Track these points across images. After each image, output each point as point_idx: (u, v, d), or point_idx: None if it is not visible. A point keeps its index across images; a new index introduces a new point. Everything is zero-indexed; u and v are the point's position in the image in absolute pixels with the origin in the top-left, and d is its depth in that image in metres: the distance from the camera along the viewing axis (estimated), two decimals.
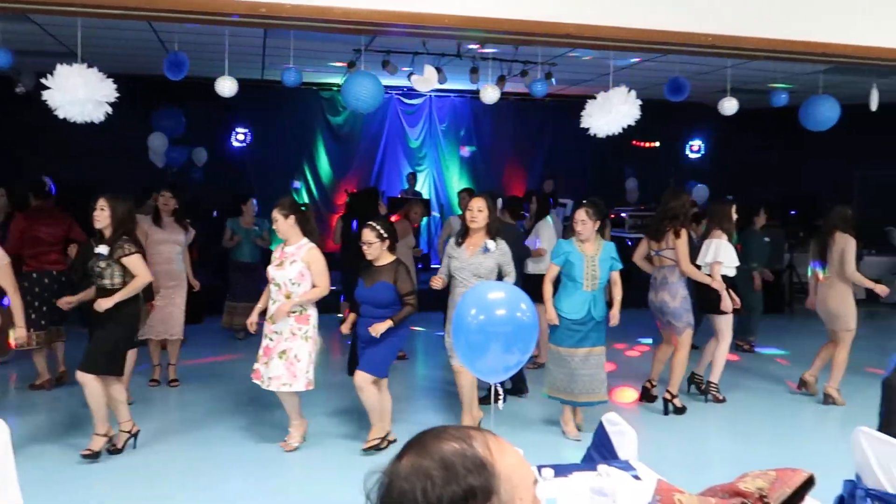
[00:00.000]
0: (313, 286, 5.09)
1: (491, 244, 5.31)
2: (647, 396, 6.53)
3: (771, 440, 5.75)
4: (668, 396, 6.25)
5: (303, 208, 5.33)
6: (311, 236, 5.22)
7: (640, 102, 5.49)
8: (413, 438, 1.24)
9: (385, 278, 5.06)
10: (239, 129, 12.54)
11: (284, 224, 5.10)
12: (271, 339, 5.11)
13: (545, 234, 7.34)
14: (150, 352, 6.68)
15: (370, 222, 5.18)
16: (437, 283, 5.37)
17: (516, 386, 6.51)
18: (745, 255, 8.41)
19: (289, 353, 5.03)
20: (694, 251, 6.38)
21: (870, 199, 13.53)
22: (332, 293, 5.57)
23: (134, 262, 4.88)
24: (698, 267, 6.34)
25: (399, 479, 1.16)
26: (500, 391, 2.93)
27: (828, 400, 6.62)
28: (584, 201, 5.83)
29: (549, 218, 7.67)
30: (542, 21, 4.80)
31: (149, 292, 5.95)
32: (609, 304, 5.64)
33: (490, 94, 7.11)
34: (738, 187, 12.91)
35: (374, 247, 5.08)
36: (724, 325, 6.53)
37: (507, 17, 4.77)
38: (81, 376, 4.84)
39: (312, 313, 5.15)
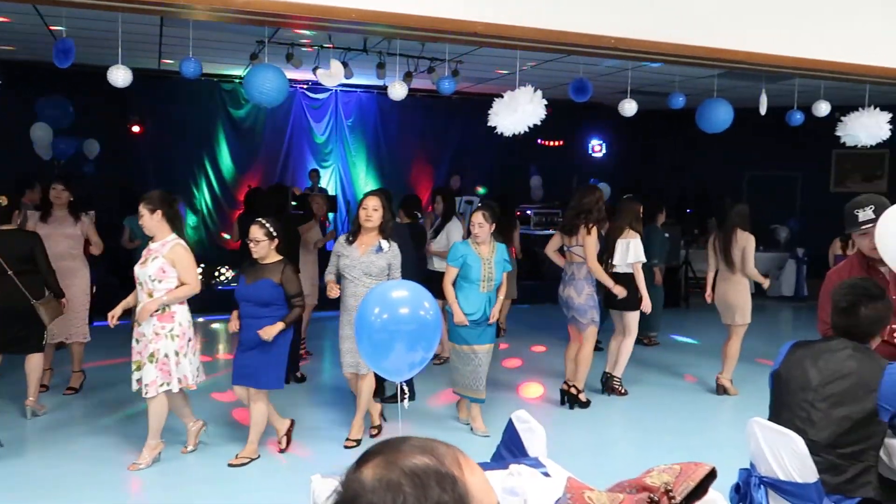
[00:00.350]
0: (180, 284, 4.83)
1: (385, 244, 5.29)
2: (569, 398, 6.43)
3: (671, 431, 5.94)
4: (574, 392, 6.38)
5: (173, 203, 5.05)
6: (180, 233, 4.99)
7: (545, 102, 5.56)
8: (374, 448, 1.17)
9: (270, 276, 4.90)
10: (135, 121, 11.97)
11: (150, 220, 4.85)
12: (138, 342, 4.87)
13: (455, 234, 7.32)
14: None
15: (259, 219, 5.00)
16: (333, 291, 5.24)
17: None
18: (648, 251, 8.70)
19: (157, 355, 4.79)
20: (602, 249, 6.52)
21: (757, 198, 14.29)
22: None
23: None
24: (611, 265, 6.51)
25: (366, 492, 1.09)
26: (406, 390, 2.90)
27: (721, 390, 6.91)
28: (480, 204, 5.93)
29: (456, 219, 7.67)
30: (450, 18, 4.78)
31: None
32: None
33: (398, 91, 7.05)
34: (638, 186, 13.37)
35: (262, 245, 4.89)
36: (633, 321, 6.71)
37: (415, 14, 4.73)
38: None
39: (179, 310, 4.86)
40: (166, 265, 4.79)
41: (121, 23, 5.79)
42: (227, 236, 12.06)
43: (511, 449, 2.89)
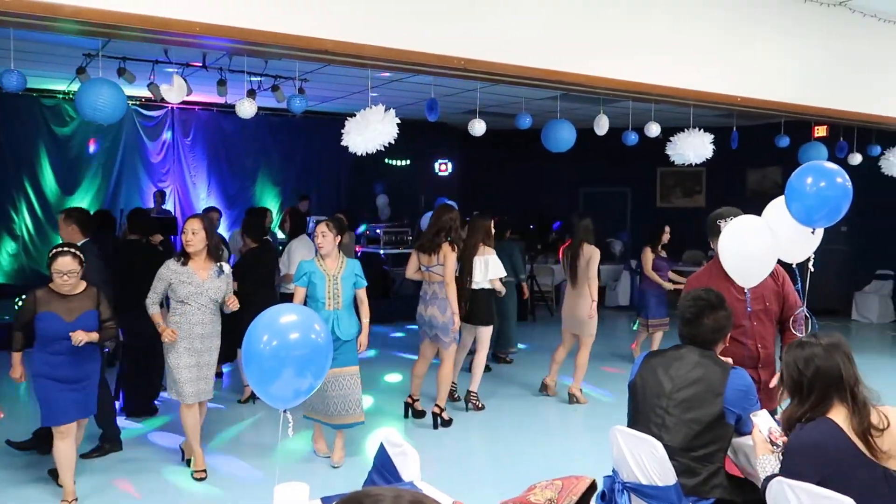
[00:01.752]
0: None
1: (226, 267, 5.14)
2: (414, 412, 6.55)
3: (533, 442, 6.07)
4: (436, 410, 6.35)
5: None
6: None
7: (398, 121, 5.56)
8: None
9: (89, 306, 4.57)
10: None
11: None
12: None
13: (296, 254, 7.10)
14: None
15: (69, 248, 4.56)
16: (169, 333, 4.89)
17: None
18: (512, 266, 8.91)
19: None
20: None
21: (593, 213, 15.09)
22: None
23: None
24: (470, 283, 6.59)
25: None
26: (290, 418, 2.77)
27: (572, 399, 7.18)
28: (326, 217, 5.85)
29: (305, 237, 7.48)
30: (300, 35, 4.69)
31: None
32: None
33: (247, 109, 6.80)
34: (484, 203, 13.72)
35: (77, 275, 4.50)
36: (487, 335, 6.83)
37: (263, 30, 4.59)
38: None
39: None
40: None
41: None
42: None
43: (384, 474, 2.82)
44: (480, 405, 6.92)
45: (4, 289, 10.86)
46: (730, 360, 3.37)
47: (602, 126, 7.97)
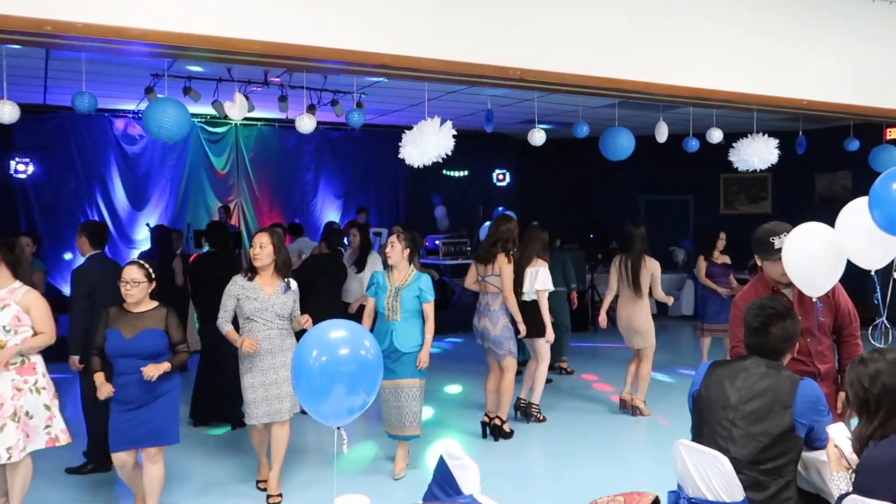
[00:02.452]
0: (35, 333, 4.41)
1: (293, 283, 5.04)
2: (492, 430, 6.35)
3: (594, 456, 5.97)
4: (497, 422, 6.28)
5: (13, 247, 4.53)
6: (24, 279, 4.51)
7: (454, 132, 5.58)
8: None
9: (154, 325, 4.43)
10: (19, 159, 11.30)
11: None
12: None
13: (377, 266, 7.21)
14: None
15: (138, 259, 4.54)
16: (249, 344, 4.79)
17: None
18: (565, 276, 8.85)
19: (19, 413, 4.32)
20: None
21: (654, 221, 14.87)
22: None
23: None
24: (520, 294, 6.49)
25: None
26: (344, 434, 2.78)
27: (636, 412, 7.04)
28: (398, 228, 5.88)
29: (375, 253, 7.62)
30: (358, 51, 4.75)
31: None
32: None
33: (306, 124, 6.93)
34: (542, 213, 13.66)
35: (142, 287, 4.41)
36: (544, 347, 6.71)
37: (322, 46, 4.67)
38: None
39: (38, 361, 4.47)
40: (21, 313, 4.36)
41: (4, 56, 5.46)
42: None
43: (444, 487, 2.82)
44: (542, 417, 6.84)
45: None
46: None
47: (662, 133, 7.83)
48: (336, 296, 7.14)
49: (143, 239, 12.11)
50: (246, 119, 11.74)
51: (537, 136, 7.35)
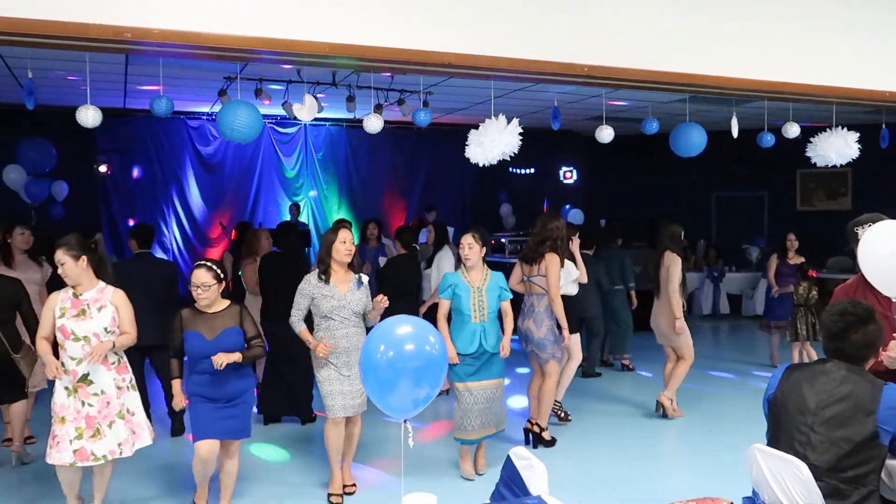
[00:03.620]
0: (121, 333, 4.44)
1: (364, 277, 5.04)
2: (534, 438, 6.13)
3: (656, 460, 5.88)
4: (535, 429, 6.07)
5: (96, 248, 4.59)
6: (107, 279, 4.53)
7: (520, 131, 5.55)
8: None
9: (230, 324, 4.49)
10: (101, 161, 11.80)
11: (75, 267, 4.35)
12: (91, 405, 4.34)
13: (447, 265, 7.21)
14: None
15: (207, 262, 4.52)
16: (321, 348, 4.83)
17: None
18: (622, 275, 8.74)
19: (123, 410, 4.44)
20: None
21: (726, 219, 14.49)
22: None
23: None
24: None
25: None
26: (410, 429, 2.82)
27: (658, 407, 6.80)
28: (470, 227, 5.68)
29: (447, 248, 7.57)
30: (423, 50, 4.77)
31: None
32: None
33: (374, 124, 7.00)
34: (610, 211, 13.48)
35: (213, 289, 4.45)
36: (575, 345, 6.53)
37: (389, 46, 4.71)
38: None
39: (125, 359, 4.57)
40: (115, 313, 4.42)
41: (88, 62, 5.70)
42: None
43: (511, 487, 2.81)
44: (562, 415, 6.63)
45: None
46: None
47: (735, 128, 7.60)
48: (414, 295, 7.21)
49: (216, 237, 12.48)
50: (315, 119, 11.94)
51: (605, 133, 7.24)
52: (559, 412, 6.63)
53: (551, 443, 6.07)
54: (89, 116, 5.53)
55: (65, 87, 8.34)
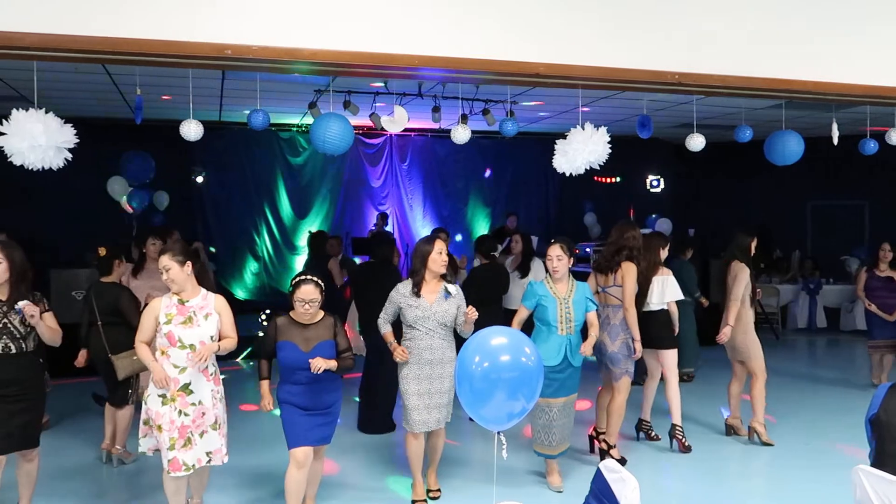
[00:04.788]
0: (223, 337, 4.46)
1: (452, 288, 4.93)
2: (602, 454, 5.92)
3: (720, 480, 5.68)
4: (603, 447, 5.86)
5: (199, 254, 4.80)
6: (208, 286, 4.63)
7: (609, 138, 5.49)
8: None
9: (325, 336, 4.51)
10: (198, 172, 12.33)
11: (180, 273, 4.34)
12: (187, 414, 4.32)
13: (540, 273, 7.17)
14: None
15: (312, 277, 4.50)
16: (400, 353, 4.82)
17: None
18: (685, 286, 8.42)
19: (219, 421, 4.47)
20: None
21: (823, 229, 13.90)
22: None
23: (49, 319, 4.44)
24: (646, 304, 6.14)
25: None
26: (504, 440, 2.82)
27: (752, 434, 6.40)
28: (554, 238, 5.55)
29: (536, 259, 7.54)
30: (512, 61, 4.80)
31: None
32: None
33: (461, 134, 7.06)
34: (698, 221, 13.15)
35: (317, 304, 4.46)
36: (672, 360, 6.20)
37: (475, 58, 4.76)
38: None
39: (219, 371, 4.58)
40: (219, 320, 4.44)
41: (191, 78, 5.97)
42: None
43: (601, 500, 2.78)
44: (686, 444, 6.14)
45: (248, 304, 12.10)
46: None
47: (837, 135, 7.26)
48: (497, 304, 7.19)
49: (304, 245, 12.82)
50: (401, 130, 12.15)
51: (696, 141, 7.07)
52: (682, 439, 6.20)
53: (621, 462, 5.68)
54: (192, 130, 5.79)
55: (164, 102, 8.76)
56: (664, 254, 6.35)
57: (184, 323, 4.32)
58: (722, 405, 7.23)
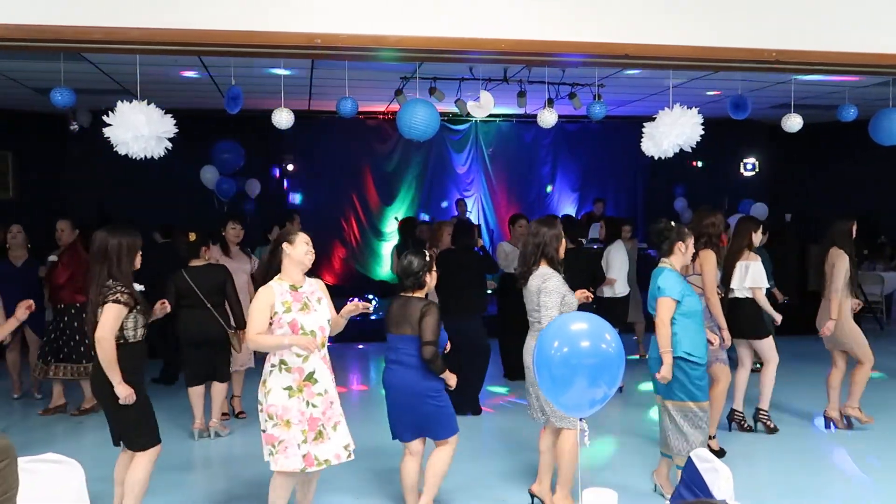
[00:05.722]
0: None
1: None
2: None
3: (817, 471, 5.49)
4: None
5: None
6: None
7: (701, 120, 5.32)
8: None
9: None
10: (286, 160, 12.68)
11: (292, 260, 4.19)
12: (315, 406, 4.07)
13: (618, 260, 7.07)
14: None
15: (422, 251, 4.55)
16: None
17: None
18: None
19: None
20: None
21: None
22: None
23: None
24: (729, 291, 5.99)
25: None
26: (586, 427, 2.80)
27: (851, 421, 6.26)
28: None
29: (619, 242, 7.47)
30: (600, 42, 4.71)
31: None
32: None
33: (548, 118, 7.02)
34: (796, 206, 12.61)
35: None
36: (767, 347, 6.08)
37: (562, 40, 4.69)
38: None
39: None
40: (329, 303, 4.31)
41: (283, 68, 6.13)
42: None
43: (693, 490, 2.72)
44: (772, 425, 6.19)
45: (335, 290, 12.32)
46: None
47: None
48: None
49: (390, 231, 13.00)
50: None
51: (793, 122, 6.79)
52: (769, 422, 6.21)
53: (720, 453, 5.57)
54: (283, 118, 5.96)
55: (254, 91, 9.00)
56: (758, 238, 6.16)
57: (301, 309, 4.09)
58: (797, 395, 7.09)
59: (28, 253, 7.14)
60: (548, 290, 4.39)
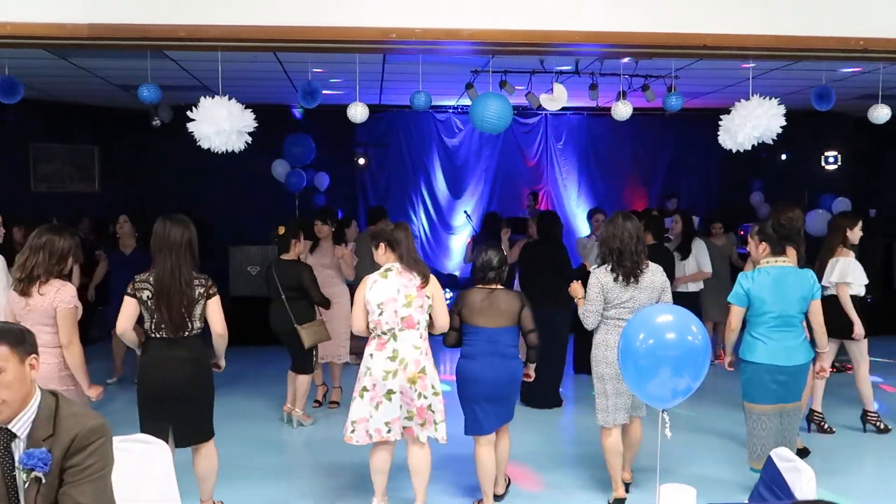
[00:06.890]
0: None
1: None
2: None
3: None
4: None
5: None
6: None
7: (783, 111, 5.17)
8: None
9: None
10: (358, 154, 12.85)
11: (382, 256, 4.39)
12: (425, 397, 4.22)
13: (704, 255, 6.94)
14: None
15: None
16: None
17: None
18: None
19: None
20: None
21: None
22: None
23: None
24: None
25: None
26: (667, 419, 2.78)
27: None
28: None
29: (699, 238, 7.37)
30: (677, 33, 4.63)
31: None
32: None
33: (622, 110, 6.95)
34: (884, 201, 12.10)
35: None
36: (857, 349, 5.90)
37: (638, 31, 4.63)
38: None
39: None
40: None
41: (358, 63, 6.23)
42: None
43: (773, 489, 2.66)
44: (882, 426, 6.03)
45: None
46: None
47: None
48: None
49: (459, 225, 13.03)
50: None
51: (881, 113, 6.52)
52: (879, 423, 6.09)
53: (804, 452, 5.45)
54: (358, 112, 6.06)
55: (326, 87, 9.13)
56: (854, 235, 5.92)
57: (406, 304, 4.23)
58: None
59: (136, 242, 7.42)
60: (667, 286, 4.34)
